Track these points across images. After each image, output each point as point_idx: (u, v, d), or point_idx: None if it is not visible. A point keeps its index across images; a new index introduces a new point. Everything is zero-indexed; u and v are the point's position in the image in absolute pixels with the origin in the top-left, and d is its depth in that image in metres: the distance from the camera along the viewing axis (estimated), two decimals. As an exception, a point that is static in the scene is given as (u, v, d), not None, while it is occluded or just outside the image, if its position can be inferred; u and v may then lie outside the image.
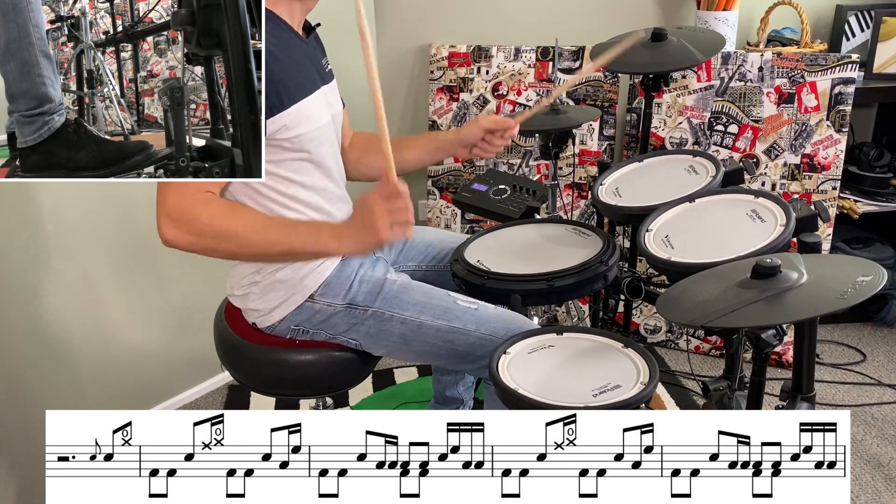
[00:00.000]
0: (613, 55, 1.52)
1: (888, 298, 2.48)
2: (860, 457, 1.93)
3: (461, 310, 1.38)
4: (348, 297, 1.37)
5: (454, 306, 1.38)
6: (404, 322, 1.36)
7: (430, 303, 1.38)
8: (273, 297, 1.36)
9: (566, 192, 2.46)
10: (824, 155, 2.20)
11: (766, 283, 1.03)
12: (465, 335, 1.36)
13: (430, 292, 1.40)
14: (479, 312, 1.38)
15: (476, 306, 1.39)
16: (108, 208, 1.89)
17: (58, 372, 1.86)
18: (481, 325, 1.36)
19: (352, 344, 1.39)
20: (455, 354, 1.37)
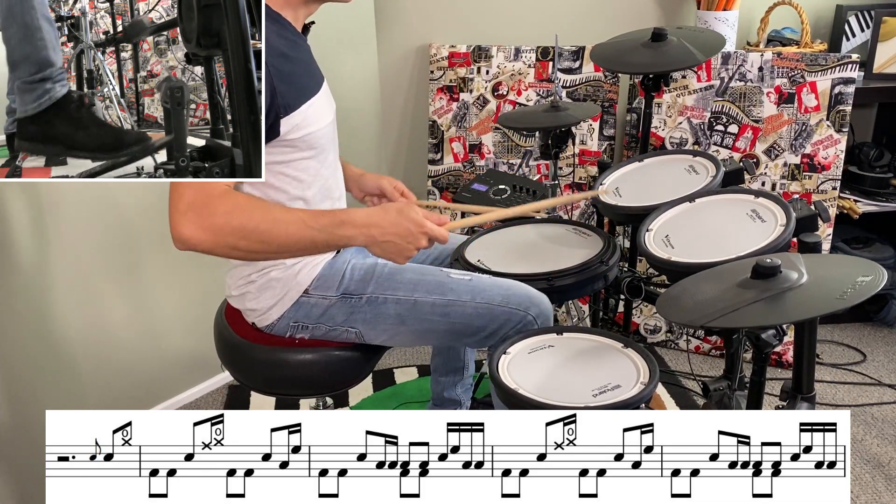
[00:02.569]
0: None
1: (888, 298, 2.47)
2: (860, 457, 1.93)
3: (455, 282, 1.37)
4: (342, 288, 1.37)
5: (447, 279, 1.38)
6: (399, 302, 1.36)
7: (423, 279, 1.38)
8: (269, 295, 1.36)
9: (566, 192, 2.46)
10: (824, 155, 2.20)
11: (766, 283, 1.03)
12: (462, 306, 1.35)
13: (421, 269, 1.40)
14: (474, 283, 1.38)
15: (469, 277, 1.39)
16: (108, 208, 1.89)
17: (58, 372, 1.86)
18: (477, 295, 1.36)
19: (351, 334, 1.38)
20: (453, 329, 1.37)
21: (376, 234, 1.18)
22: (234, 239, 1.12)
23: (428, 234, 1.19)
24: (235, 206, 1.12)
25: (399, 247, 1.19)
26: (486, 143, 2.51)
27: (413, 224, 1.18)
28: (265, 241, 1.14)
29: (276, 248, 1.16)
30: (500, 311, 1.35)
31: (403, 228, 1.18)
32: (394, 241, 1.18)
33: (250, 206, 1.14)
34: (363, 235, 1.18)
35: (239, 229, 1.12)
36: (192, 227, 1.10)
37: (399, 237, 1.18)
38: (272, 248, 1.16)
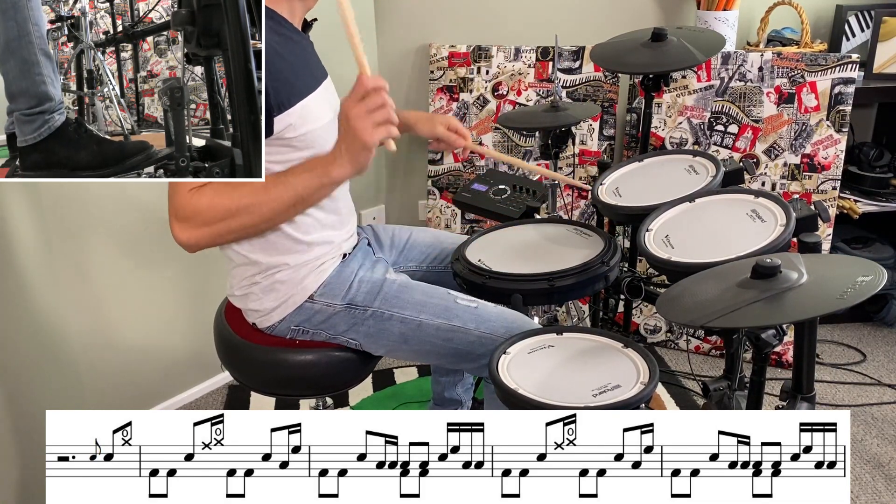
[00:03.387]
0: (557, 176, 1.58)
1: (888, 298, 2.47)
2: (860, 457, 1.93)
3: (461, 308, 1.38)
4: (348, 298, 1.37)
5: (454, 305, 1.38)
6: (404, 321, 1.36)
7: (430, 302, 1.38)
8: (273, 297, 1.36)
9: (566, 192, 2.46)
10: (824, 155, 2.20)
11: (766, 283, 1.03)
12: (465, 334, 1.36)
13: (429, 291, 1.40)
14: (479, 311, 1.38)
15: (476, 305, 1.39)
16: (108, 208, 1.89)
17: (58, 372, 1.86)
18: (481, 324, 1.36)
19: (352, 344, 1.39)
20: (455, 353, 1.37)
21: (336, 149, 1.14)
22: (225, 224, 1.16)
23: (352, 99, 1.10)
24: (215, 193, 1.15)
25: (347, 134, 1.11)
26: (486, 143, 2.51)
27: (339, 111, 1.13)
28: (254, 211, 1.16)
29: (269, 212, 1.17)
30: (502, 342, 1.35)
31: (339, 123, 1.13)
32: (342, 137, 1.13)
33: (228, 186, 1.16)
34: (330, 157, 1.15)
35: (226, 213, 1.15)
36: (187, 231, 1.15)
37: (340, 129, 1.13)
38: (265, 214, 1.17)
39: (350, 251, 1.44)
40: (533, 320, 1.44)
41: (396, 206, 2.79)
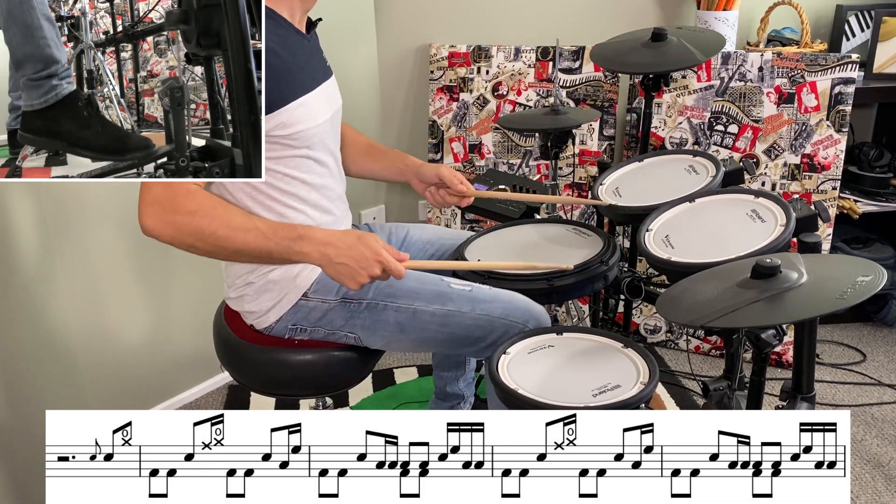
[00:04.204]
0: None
1: (888, 298, 2.47)
2: (860, 457, 1.93)
3: (455, 293, 1.37)
4: (342, 292, 1.37)
5: (448, 290, 1.38)
6: (399, 310, 1.36)
7: (424, 288, 1.38)
8: (267, 297, 1.36)
9: (566, 192, 2.46)
10: (824, 155, 2.20)
11: (766, 283, 1.03)
12: (461, 317, 1.35)
13: (422, 278, 1.40)
14: (474, 293, 1.38)
15: (470, 288, 1.39)
16: (108, 208, 1.89)
17: (58, 372, 1.86)
18: (476, 306, 1.36)
19: (350, 339, 1.38)
20: (453, 338, 1.37)
21: (332, 253, 1.18)
22: (192, 239, 1.16)
23: (383, 263, 1.19)
24: (199, 208, 1.15)
25: (352, 270, 1.18)
26: (486, 143, 2.51)
27: (369, 251, 1.18)
28: (222, 246, 1.17)
29: (232, 253, 1.19)
30: (500, 322, 1.35)
31: (359, 253, 1.18)
32: (348, 263, 1.18)
33: (213, 210, 1.16)
34: (318, 253, 1.18)
35: (197, 231, 1.15)
36: (154, 220, 1.14)
37: (354, 261, 1.18)
38: (227, 252, 1.19)
39: None
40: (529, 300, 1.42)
41: (396, 206, 2.79)
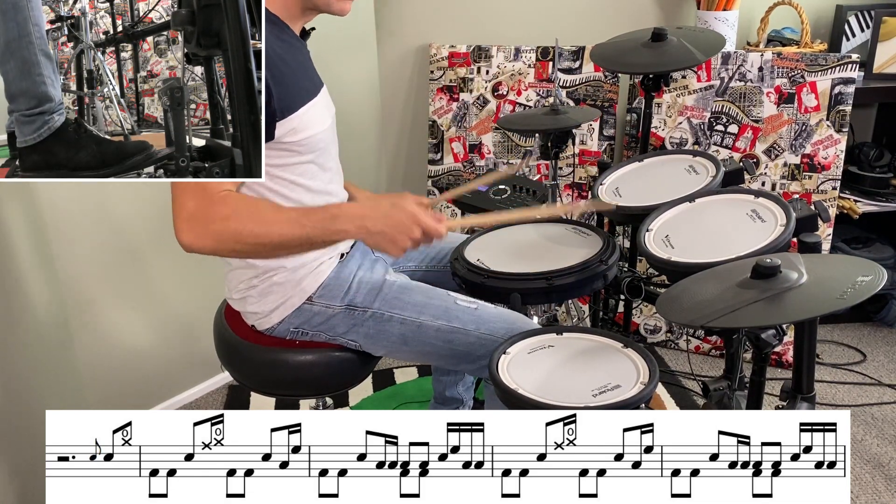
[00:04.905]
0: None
1: (888, 298, 2.47)
2: (860, 457, 1.93)
3: (461, 309, 1.38)
4: (347, 299, 1.37)
5: (454, 306, 1.38)
6: (404, 322, 1.36)
7: (430, 303, 1.38)
8: (271, 299, 1.36)
9: (566, 192, 2.46)
10: (824, 155, 2.20)
11: (766, 283, 1.03)
12: (465, 335, 1.36)
13: (429, 292, 1.40)
14: (479, 312, 1.38)
15: (476, 306, 1.39)
16: (108, 208, 1.89)
17: (58, 372, 1.86)
18: (481, 325, 1.36)
19: (351, 345, 1.38)
20: (455, 354, 1.37)
21: (369, 225, 1.17)
22: (231, 243, 1.15)
23: (422, 225, 1.18)
24: (233, 212, 1.14)
25: (392, 237, 1.17)
26: (486, 143, 2.51)
27: (406, 215, 1.18)
28: (261, 243, 1.16)
29: (273, 248, 1.18)
30: None
31: (396, 220, 1.17)
32: (386, 230, 1.17)
33: (246, 210, 1.16)
34: (356, 227, 1.18)
35: (235, 234, 1.14)
36: (192, 235, 1.13)
37: (392, 227, 1.17)
38: (268, 249, 1.18)
39: (347, 250, 1.44)
40: (532, 320, 1.44)
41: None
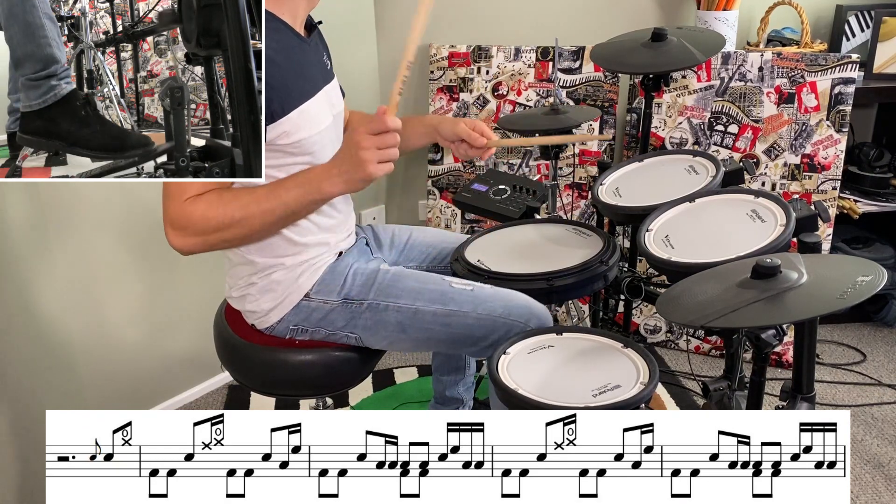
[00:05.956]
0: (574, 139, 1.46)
1: (888, 298, 2.47)
2: (860, 457, 1.93)
3: (456, 292, 1.37)
4: (343, 293, 1.37)
5: (449, 289, 1.38)
6: (400, 310, 1.36)
7: (425, 288, 1.38)
8: (270, 297, 1.36)
9: (566, 192, 2.46)
10: (824, 155, 2.20)
11: (766, 283, 1.03)
12: (463, 317, 1.35)
13: (423, 278, 1.40)
14: (475, 293, 1.38)
15: (471, 287, 1.39)
16: (108, 208, 1.89)
17: (58, 372, 1.86)
18: (478, 306, 1.36)
19: (351, 339, 1.39)
20: (454, 338, 1.37)
21: (336, 172, 1.19)
22: (219, 234, 1.19)
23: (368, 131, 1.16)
24: (208, 206, 1.18)
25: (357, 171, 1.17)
26: (486, 143, 2.51)
27: (351, 136, 1.18)
28: (245, 224, 1.19)
29: (260, 225, 1.21)
30: (501, 322, 1.35)
31: (348, 154, 1.18)
32: (348, 170, 1.18)
33: (220, 200, 1.19)
34: (325, 173, 1.19)
35: (218, 225, 1.18)
36: (180, 238, 1.18)
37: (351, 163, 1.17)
38: (256, 227, 1.21)
39: (346, 249, 1.45)
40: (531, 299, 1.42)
41: (396, 206, 2.79)
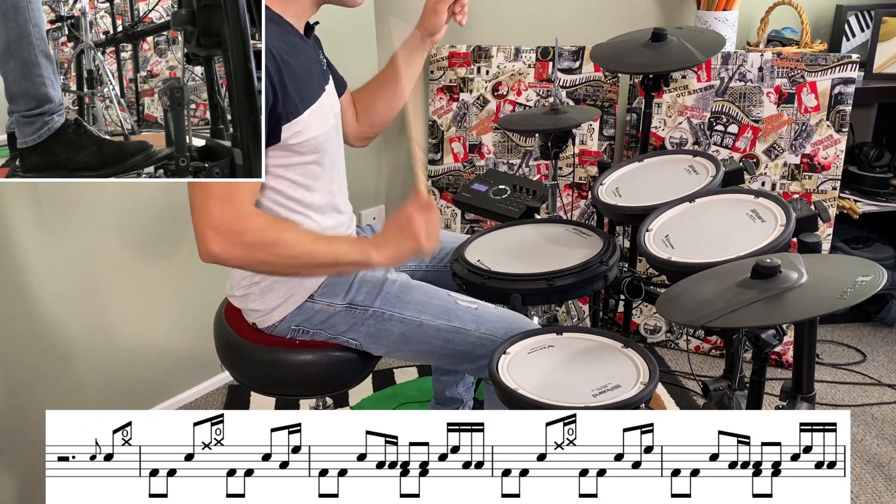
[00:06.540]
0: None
1: (888, 298, 2.47)
2: (860, 457, 1.93)
3: (461, 309, 1.38)
4: (348, 298, 1.37)
5: (454, 306, 1.38)
6: (404, 322, 1.36)
7: (431, 302, 1.38)
8: (273, 297, 1.36)
9: (566, 192, 2.46)
10: (824, 155, 2.20)
11: (766, 283, 1.03)
12: (466, 335, 1.36)
13: (430, 292, 1.40)
14: (480, 312, 1.38)
15: (476, 306, 1.39)
16: (108, 208, 1.89)
17: (58, 372, 1.86)
18: (482, 325, 1.36)
19: (352, 344, 1.39)
20: (455, 354, 1.37)
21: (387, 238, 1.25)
22: (264, 255, 1.17)
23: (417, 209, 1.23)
24: (267, 223, 1.18)
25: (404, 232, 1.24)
26: (486, 143, 2.51)
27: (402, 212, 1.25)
28: (293, 254, 1.19)
29: (303, 261, 1.22)
30: None
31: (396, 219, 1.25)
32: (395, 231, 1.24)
33: (277, 223, 1.22)
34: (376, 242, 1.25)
35: (269, 244, 1.17)
36: (223, 244, 1.14)
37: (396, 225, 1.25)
38: (300, 261, 1.21)
39: None
40: (533, 321, 1.44)
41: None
